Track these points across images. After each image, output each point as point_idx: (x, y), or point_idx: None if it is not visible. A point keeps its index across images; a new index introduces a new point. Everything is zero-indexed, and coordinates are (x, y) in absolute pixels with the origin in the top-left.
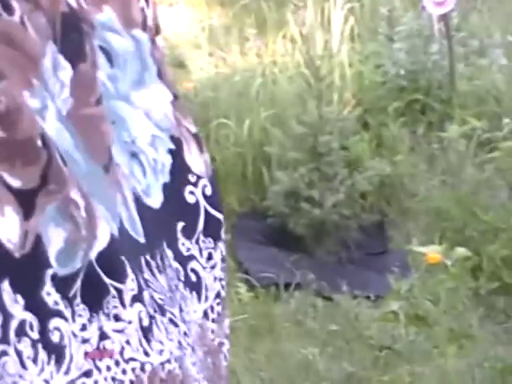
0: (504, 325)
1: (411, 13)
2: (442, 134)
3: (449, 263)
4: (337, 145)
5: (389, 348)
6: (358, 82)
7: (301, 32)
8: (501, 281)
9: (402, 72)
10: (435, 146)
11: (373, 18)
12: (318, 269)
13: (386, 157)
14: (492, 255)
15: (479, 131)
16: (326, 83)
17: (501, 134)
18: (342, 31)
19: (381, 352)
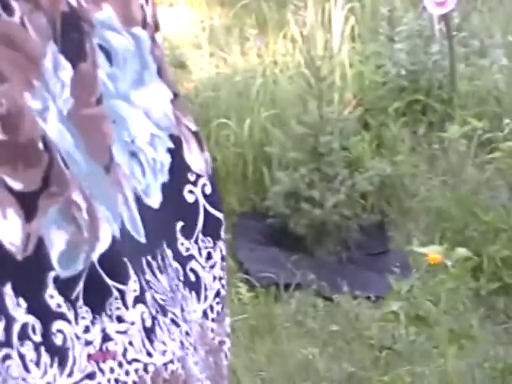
0: (504, 325)
1: (412, 13)
2: (443, 135)
3: (449, 263)
4: (337, 145)
5: (389, 348)
6: (359, 82)
7: (301, 32)
8: (501, 281)
9: (403, 72)
10: (436, 147)
11: (373, 18)
12: (319, 269)
13: (387, 157)
14: (492, 255)
15: (480, 131)
16: (326, 83)
17: (501, 135)
18: (343, 31)
19: (381, 352)
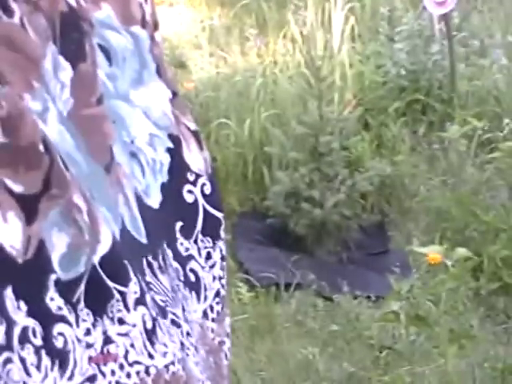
0: (504, 325)
1: (412, 13)
2: (443, 134)
3: (449, 263)
4: (337, 145)
5: (389, 348)
6: (359, 82)
7: (301, 32)
8: (501, 281)
9: (403, 72)
10: (436, 147)
11: (373, 18)
12: (319, 269)
13: (387, 157)
14: (492, 255)
15: (480, 131)
16: (326, 83)
17: (501, 135)
18: (343, 31)
19: (381, 352)
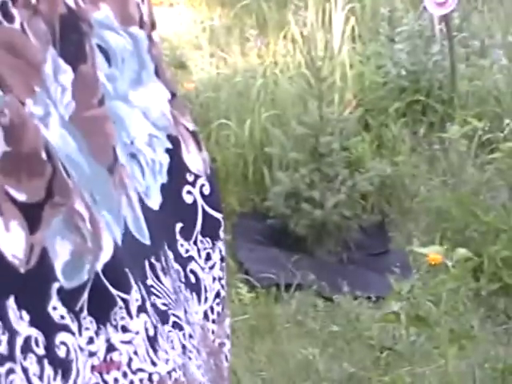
0: (505, 325)
1: (412, 13)
2: (443, 135)
3: (450, 264)
4: (338, 145)
5: (389, 349)
6: (359, 83)
7: (302, 32)
8: (502, 281)
9: (403, 72)
10: (436, 147)
11: (374, 19)
12: (319, 269)
13: (387, 157)
14: (493, 256)
15: (480, 132)
16: (326, 84)
17: (502, 135)
18: (343, 32)
19: (381, 353)
